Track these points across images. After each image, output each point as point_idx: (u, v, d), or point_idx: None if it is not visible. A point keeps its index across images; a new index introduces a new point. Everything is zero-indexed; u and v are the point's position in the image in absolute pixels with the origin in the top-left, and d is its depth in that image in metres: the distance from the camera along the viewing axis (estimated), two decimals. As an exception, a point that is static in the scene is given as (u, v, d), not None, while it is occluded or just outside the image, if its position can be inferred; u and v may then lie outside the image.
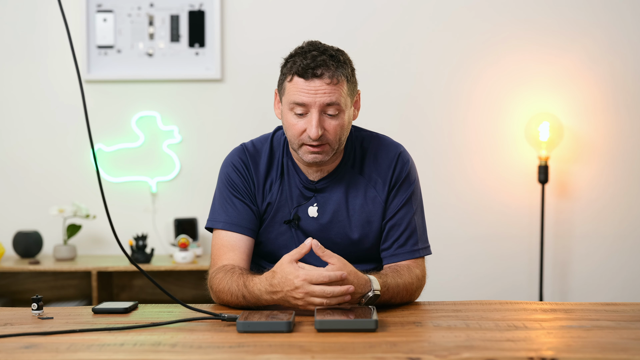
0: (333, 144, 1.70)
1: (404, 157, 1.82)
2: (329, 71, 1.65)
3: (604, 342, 1.32)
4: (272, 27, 3.38)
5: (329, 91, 1.65)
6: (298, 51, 1.70)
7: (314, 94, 1.65)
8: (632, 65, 3.37)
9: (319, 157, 1.70)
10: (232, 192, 1.79)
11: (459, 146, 3.41)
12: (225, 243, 1.76)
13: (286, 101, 1.70)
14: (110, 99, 3.39)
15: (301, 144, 1.70)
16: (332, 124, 1.68)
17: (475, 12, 3.38)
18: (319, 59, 1.65)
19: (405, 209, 1.79)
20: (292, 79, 1.67)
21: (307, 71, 1.65)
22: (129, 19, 3.36)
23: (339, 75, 1.66)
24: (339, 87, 1.67)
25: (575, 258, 3.42)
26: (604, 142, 3.40)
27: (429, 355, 1.23)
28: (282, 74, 1.72)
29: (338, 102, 1.67)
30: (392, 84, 3.39)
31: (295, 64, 1.67)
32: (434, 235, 3.33)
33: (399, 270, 1.70)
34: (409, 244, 1.77)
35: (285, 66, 1.71)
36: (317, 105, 1.66)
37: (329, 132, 1.68)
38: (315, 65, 1.65)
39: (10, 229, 3.34)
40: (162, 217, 3.40)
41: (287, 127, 1.72)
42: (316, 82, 1.65)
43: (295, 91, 1.67)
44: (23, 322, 1.53)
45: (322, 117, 1.67)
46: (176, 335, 1.38)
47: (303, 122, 1.68)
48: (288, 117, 1.70)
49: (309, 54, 1.67)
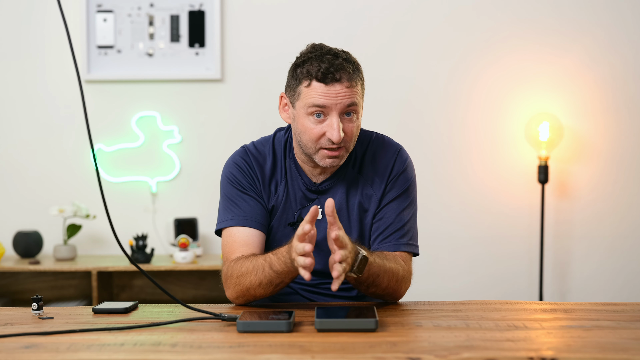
0: (349, 147, 1.71)
1: (402, 156, 1.82)
2: (347, 74, 1.66)
3: (604, 342, 1.32)
4: (272, 28, 3.38)
5: (349, 94, 1.66)
6: (311, 56, 1.69)
7: (334, 97, 1.65)
8: (632, 65, 3.37)
9: (336, 161, 1.71)
10: (239, 190, 1.77)
11: (459, 146, 3.41)
12: (238, 239, 1.73)
13: (302, 105, 1.68)
14: (110, 99, 3.39)
15: (319, 149, 1.69)
16: (350, 126, 1.68)
17: (475, 11, 3.38)
18: (336, 62, 1.66)
19: (397, 202, 1.77)
20: (311, 83, 1.66)
21: (327, 76, 1.65)
22: (129, 19, 3.36)
23: (356, 78, 1.68)
24: (356, 89, 1.68)
25: (575, 258, 3.42)
26: (604, 142, 3.40)
27: (429, 355, 1.23)
28: (296, 79, 1.70)
29: (357, 104, 1.68)
30: (391, 84, 3.38)
31: (313, 68, 1.66)
32: (434, 236, 3.38)
33: (385, 255, 1.69)
34: (395, 236, 1.76)
35: (298, 70, 1.69)
36: (337, 108, 1.66)
37: (347, 134, 1.68)
38: (335, 70, 1.65)
39: (10, 229, 3.34)
40: (162, 217, 3.40)
41: (303, 132, 1.70)
42: (336, 86, 1.65)
43: (314, 95, 1.66)
44: (23, 322, 1.53)
45: (341, 120, 1.67)
46: (176, 335, 1.38)
47: (322, 126, 1.67)
48: (305, 121, 1.69)
49: (324, 57, 1.66)
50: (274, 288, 1.63)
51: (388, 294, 1.69)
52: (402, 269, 1.70)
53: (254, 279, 1.62)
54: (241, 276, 1.64)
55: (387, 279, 1.65)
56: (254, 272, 1.62)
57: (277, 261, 1.59)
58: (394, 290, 1.69)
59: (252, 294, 1.65)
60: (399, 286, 1.69)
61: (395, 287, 1.68)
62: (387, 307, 1.67)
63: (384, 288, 1.66)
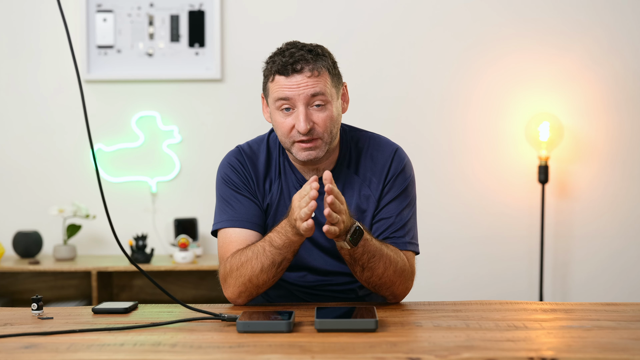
0: (324, 137, 1.69)
1: (399, 156, 1.81)
2: (308, 64, 1.67)
3: (604, 342, 1.32)
4: (272, 27, 3.38)
5: (311, 83, 1.67)
6: (276, 52, 1.72)
7: (296, 88, 1.66)
8: (632, 65, 3.37)
9: (312, 154, 1.70)
10: (234, 190, 1.77)
11: (459, 146, 3.41)
12: (233, 240, 1.73)
13: (272, 101, 1.71)
14: (110, 99, 3.39)
15: (292, 142, 1.70)
16: (320, 116, 1.68)
17: (476, 11, 3.38)
18: (297, 54, 1.67)
19: (396, 202, 1.77)
20: (274, 78, 1.69)
21: (286, 67, 1.67)
22: (129, 19, 3.36)
23: (319, 67, 1.68)
24: (321, 78, 1.68)
25: (575, 258, 3.42)
26: (604, 142, 3.40)
27: (429, 355, 1.23)
28: (265, 76, 1.74)
29: (323, 92, 1.67)
30: (391, 84, 3.38)
31: (275, 63, 1.69)
32: (434, 237, 3.37)
33: (387, 244, 1.68)
34: (396, 236, 1.75)
35: (266, 68, 1.73)
36: (301, 99, 1.67)
37: (318, 125, 1.68)
38: (294, 61, 1.66)
39: (10, 229, 3.34)
40: (162, 217, 3.40)
41: (276, 127, 1.72)
42: (297, 77, 1.67)
43: (277, 88, 1.68)
44: (23, 322, 1.53)
45: (309, 110, 1.68)
46: (176, 335, 1.38)
47: (290, 118, 1.68)
48: (276, 116, 1.71)
49: (286, 52, 1.69)
50: (276, 269, 1.63)
51: (386, 285, 1.67)
52: (403, 263, 1.69)
53: (255, 264, 1.63)
54: (241, 266, 1.64)
55: (384, 265, 1.64)
56: (254, 257, 1.63)
57: (277, 235, 1.61)
58: (392, 283, 1.67)
59: (254, 284, 1.64)
60: (399, 279, 1.67)
61: (393, 279, 1.66)
62: (387, 307, 1.67)
63: (380, 275, 1.64)
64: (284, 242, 1.60)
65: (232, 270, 1.66)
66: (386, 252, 1.64)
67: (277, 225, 1.63)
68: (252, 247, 1.65)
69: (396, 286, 1.68)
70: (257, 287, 1.66)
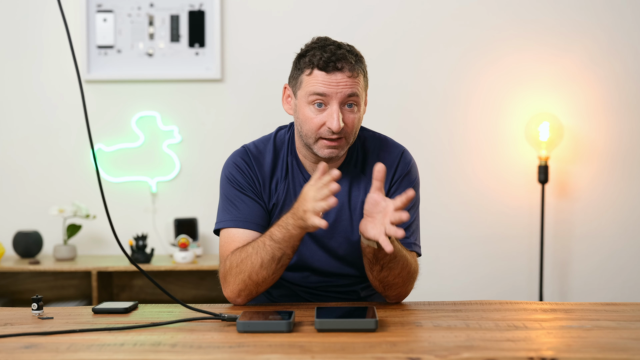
0: (349, 138, 1.71)
1: (406, 157, 1.82)
2: (350, 64, 1.67)
3: (604, 342, 1.32)
4: (272, 28, 3.38)
5: (350, 83, 1.67)
6: (314, 45, 1.70)
7: (335, 86, 1.66)
8: (632, 65, 3.37)
9: (335, 152, 1.70)
10: (238, 190, 1.76)
11: (459, 146, 3.41)
12: (235, 240, 1.72)
13: (304, 94, 1.69)
14: (110, 99, 3.39)
15: (318, 138, 1.69)
16: (350, 117, 1.69)
17: (476, 13, 3.38)
18: (339, 52, 1.67)
19: None
20: (312, 72, 1.68)
21: (328, 64, 1.66)
22: (129, 19, 3.36)
23: (358, 69, 1.68)
24: (358, 80, 1.68)
25: (575, 258, 3.42)
26: (604, 142, 3.40)
27: (429, 355, 1.23)
28: (298, 68, 1.71)
29: (357, 94, 1.68)
30: (391, 84, 3.38)
31: (315, 57, 1.67)
32: (434, 236, 3.37)
33: (402, 246, 1.69)
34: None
35: (302, 60, 1.70)
36: (337, 97, 1.66)
37: (347, 125, 1.68)
38: (337, 59, 1.66)
39: (10, 229, 3.34)
40: (162, 217, 3.40)
41: (303, 121, 1.71)
42: (337, 75, 1.66)
43: (315, 83, 1.67)
44: (23, 322, 1.53)
45: (342, 110, 1.68)
46: (176, 335, 1.38)
47: (322, 115, 1.68)
48: (305, 110, 1.70)
49: (327, 47, 1.68)
50: (276, 265, 1.62)
51: (397, 285, 1.68)
52: (415, 265, 1.71)
53: (255, 259, 1.62)
54: (241, 262, 1.64)
55: (401, 266, 1.65)
56: (254, 253, 1.63)
57: (277, 228, 1.61)
58: (404, 283, 1.68)
59: (254, 280, 1.64)
60: (409, 280, 1.69)
61: (405, 280, 1.68)
62: (387, 307, 1.67)
63: (396, 275, 1.65)
64: (283, 235, 1.60)
65: (232, 267, 1.66)
66: (404, 254, 1.66)
67: (280, 219, 1.63)
68: (252, 243, 1.65)
69: (405, 287, 1.70)
70: (256, 285, 1.65)
